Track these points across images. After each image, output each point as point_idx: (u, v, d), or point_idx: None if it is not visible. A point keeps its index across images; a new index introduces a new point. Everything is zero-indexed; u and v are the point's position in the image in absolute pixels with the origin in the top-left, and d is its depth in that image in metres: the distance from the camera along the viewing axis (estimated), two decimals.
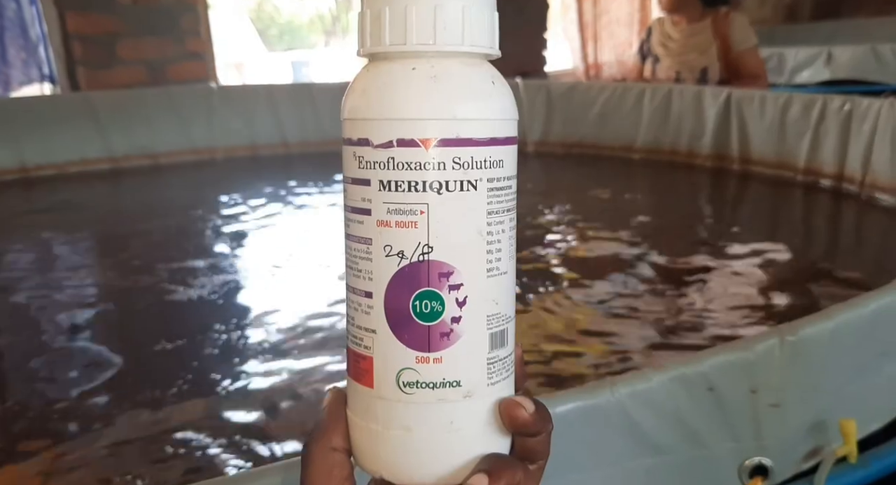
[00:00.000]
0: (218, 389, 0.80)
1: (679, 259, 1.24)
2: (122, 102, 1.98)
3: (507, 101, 0.28)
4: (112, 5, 2.11)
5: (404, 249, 0.26)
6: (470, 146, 0.26)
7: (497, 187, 0.27)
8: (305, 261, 1.26)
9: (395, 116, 0.26)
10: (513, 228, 0.28)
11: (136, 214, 1.59)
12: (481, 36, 0.27)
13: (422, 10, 0.25)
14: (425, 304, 0.26)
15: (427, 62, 0.26)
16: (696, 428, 0.51)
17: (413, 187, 0.26)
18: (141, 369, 0.87)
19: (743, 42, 2.02)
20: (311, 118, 2.18)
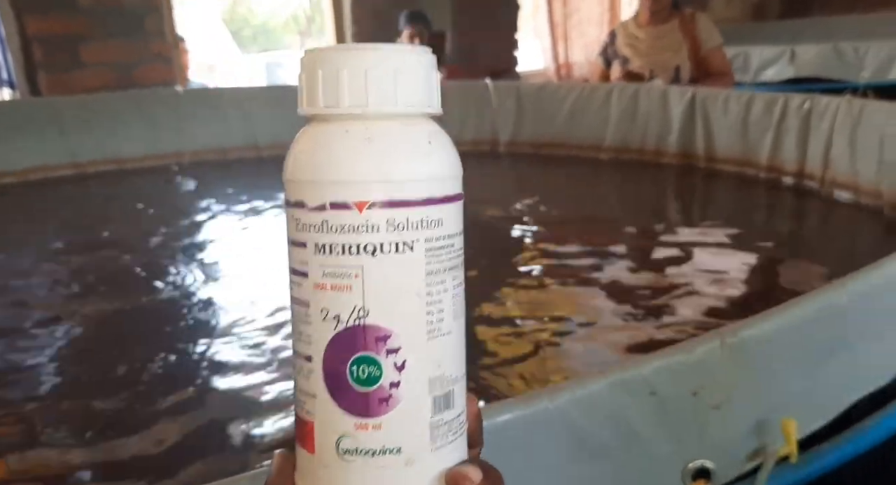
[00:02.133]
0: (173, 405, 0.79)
1: (646, 256, 1.25)
2: (86, 107, 1.94)
3: (447, 158, 0.27)
4: (74, 7, 2.07)
5: (340, 313, 0.26)
6: (405, 207, 0.26)
7: (436, 247, 0.27)
8: (271, 269, 1.25)
9: (329, 179, 0.26)
10: (458, 285, 0.27)
11: (99, 221, 1.56)
12: (416, 96, 0.27)
13: (354, 73, 0.26)
14: (362, 369, 0.26)
15: (362, 124, 0.26)
16: (639, 432, 0.52)
17: (347, 250, 0.25)
18: (94, 386, 0.85)
19: (710, 41, 2.06)
20: (281, 120, 2.16)
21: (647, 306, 1.02)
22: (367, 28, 2.89)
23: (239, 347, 0.91)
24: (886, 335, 0.66)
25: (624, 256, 1.25)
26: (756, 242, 1.34)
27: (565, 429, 0.49)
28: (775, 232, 1.50)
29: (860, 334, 0.62)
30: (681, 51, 2.07)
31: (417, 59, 0.27)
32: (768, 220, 1.61)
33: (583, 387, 0.50)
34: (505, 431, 0.48)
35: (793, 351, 0.58)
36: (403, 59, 0.27)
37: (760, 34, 3.16)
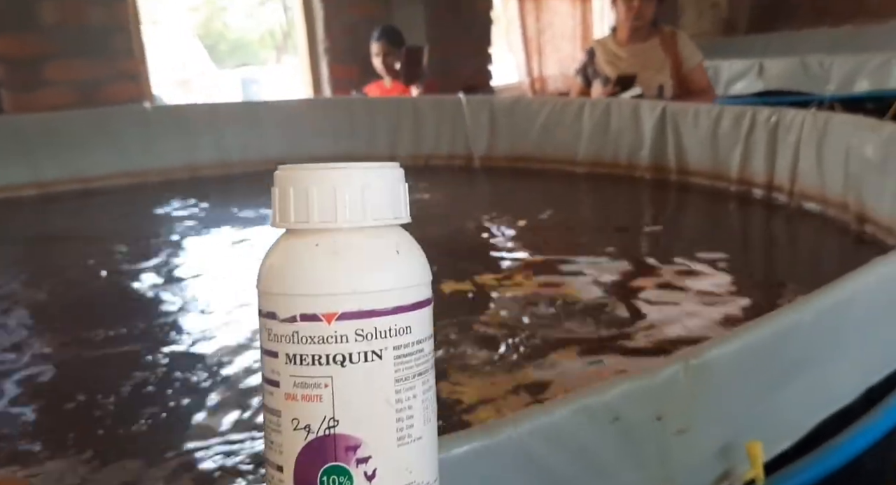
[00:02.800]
0: None
1: (619, 272, 1.24)
2: (50, 125, 1.91)
3: (414, 266, 0.28)
4: (38, 26, 2.04)
5: (311, 423, 0.26)
6: (373, 317, 0.26)
7: (405, 354, 0.27)
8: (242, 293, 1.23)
9: (298, 292, 0.26)
10: (427, 390, 0.28)
11: (63, 242, 1.52)
12: (384, 209, 0.28)
13: (323, 190, 0.27)
14: (332, 479, 0.26)
15: (330, 237, 0.27)
16: (601, 460, 0.51)
17: (317, 361, 0.26)
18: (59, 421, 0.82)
19: (692, 59, 2.09)
20: (252, 137, 2.14)
21: (613, 322, 1.01)
22: (339, 45, 2.89)
23: (203, 371, 0.89)
24: (851, 353, 0.66)
25: (594, 271, 1.25)
26: (726, 255, 1.35)
27: (526, 459, 0.48)
28: (745, 245, 1.51)
29: (825, 352, 0.62)
30: (664, 69, 2.09)
31: (384, 174, 0.28)
32: (738, 233, 1.62)
33: (545, 415, 0.49)
34: (464, 463, 0.46)
35: (758, 371, 0.57)
36: (371, 175, 0.28)
37: (730, 48, 3.22)
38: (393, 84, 2.65)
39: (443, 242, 1.46)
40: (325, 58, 2.90)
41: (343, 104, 2.36)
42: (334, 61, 2.88)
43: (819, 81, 2.40)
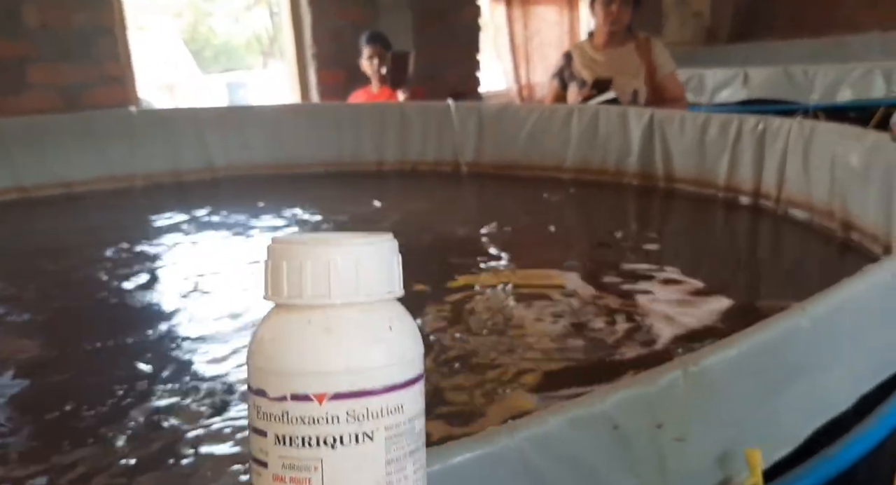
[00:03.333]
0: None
1: (603, 281, 1.24)
2: (31, 129, 1.87)
3: (407, 342, 0.28)
4: (19, 29, 2.01)
5: None
6: (365, 397, 0.26)
7: (397, 434, 0.27)
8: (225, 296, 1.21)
9: (289, 370, 0.26)
10: (418, 468, 0.28)
11: (45, 248, 1.49)
12: (377, 284, 0.27)
13: (317, 265, 0.26)
14: None
15: (322, 313, 0.26)
16: (598, 469, 0.50)
17: (307, 442, 0.25)
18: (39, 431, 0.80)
19: (665, 67, 2.11)
20: (237, 142, 2.12)
21: (600, 329, 1.00)
22: (326, 50, 2.88)
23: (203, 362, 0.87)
24: (846, 359, 0.66)
25: (582, 277, 1.24)
26: (712, 263, 1.35)
27: (524, 470, 0.47)
28: (732, 252, 1.52)
29: (821, 359, 0.61)
30: (639, 75, 2.11)
31: (379, 249, 0.28)
32: (724, 239, 1.62)
33: (543, 423, 0.48)
34: (459, 472, 0.45)
35: (756, 377, 0.57)
36: (364, 251, 0.27)
37: (713, 57, 3.26)
38: (380, 89, 2.65)
39: (425, 248, 1.46)
40: (312, 63, 2.89)
41: (329, 110, 2.35)
42: (322, 67, 2.88)
43: (803, 90, 2.43)
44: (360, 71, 2.74)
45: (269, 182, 2.05)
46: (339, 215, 1.70)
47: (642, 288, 1.18)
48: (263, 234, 1.56)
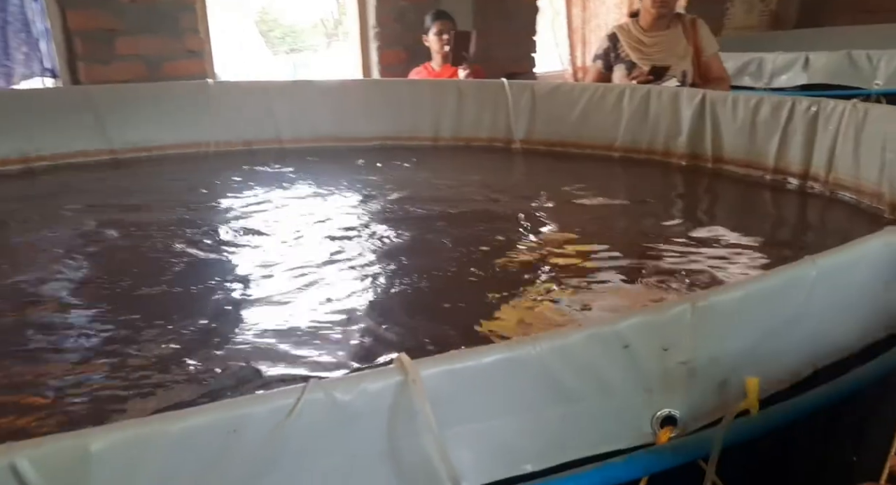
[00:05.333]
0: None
1: (649, 254, 1.30)
2: (119, 96, 2.04)
3: None
4: (111, 3, 2.18)
5: None
6: None
7: None
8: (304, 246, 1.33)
9: None
10: None
11: (129, 204, 1.65)
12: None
13: None
14: None
15: None
16: (611, 381, 0.58)
17: None
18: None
19: (710, 47, 2.13)
20: (303, 114, 2.25)
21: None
22: (389, 30, 2.98)
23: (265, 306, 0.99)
24: (855, 310, 0.71)
25: (629, 253, 1.30)
26: (757, 242, 1.38)
27: (543, 374, 0.55)
28: (777, 233, 1.54)
29: (827, 307, 0.67)
30: (687, 57, 2.13)
31: None
32: (771, 221, 1.64)
33: (562, 337, 0.57)
34: (488, 371, 0.54)
35: (760, 317, 0.63)
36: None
37: (777, 42, 3.19)
38: (442, 67, 2.73)
39: (478, 217, 1.54)
40: (374, 43, 2.99)
41: (390, 86, 2.45)
42: (384, 46, 2.98)
43: (865, 76, 2.38)
44: (419, 49, 2.83)
45: (331, 153, 2.17)
46: (395, 188, 1.80)
47: (687, 264, 1.24)
48: (323, 199, 1.68)
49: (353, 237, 1.37)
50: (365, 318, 0.99)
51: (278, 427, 0.48)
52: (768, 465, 0.66)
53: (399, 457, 0.53)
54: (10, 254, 1.33)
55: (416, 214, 1.54)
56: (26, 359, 0.88)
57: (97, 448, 0.44)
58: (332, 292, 1.08)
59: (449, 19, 2.80)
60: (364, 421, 0.51)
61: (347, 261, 1.23)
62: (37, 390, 0.81)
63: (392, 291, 1.09)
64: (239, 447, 0.47)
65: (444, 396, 0.53)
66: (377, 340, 0.92)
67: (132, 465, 0.45)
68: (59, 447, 0.43)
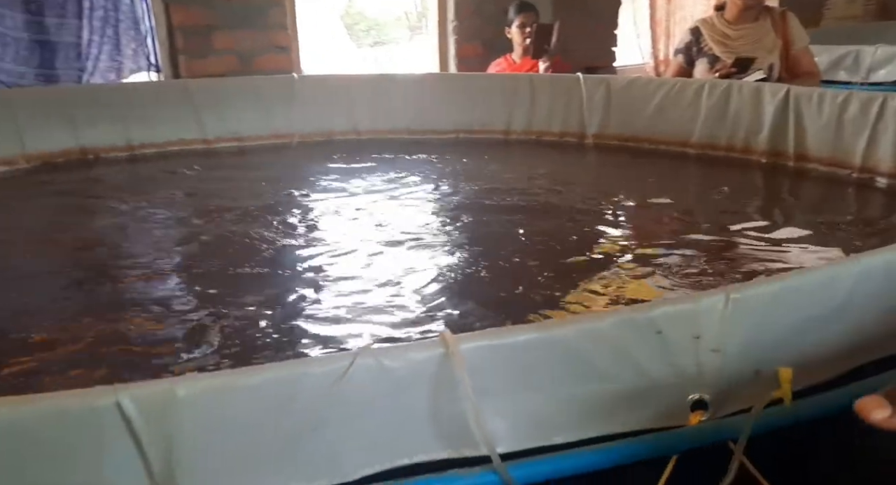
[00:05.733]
0: None
1: (724, 255, 1.28)
2: (214, 89, 2.20)
3: None
4: (210, 0, 2.35)
5: None
6: None
7: None
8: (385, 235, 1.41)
9: None
10: None
11: (219, 190, 1.79)
12: None
13: None
14: None
15: None
16: (643, 364, 0.61)
17: None
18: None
19: (800, 41, 2.05)
20: (381, 107, 2.33)
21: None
22: (468, 24, 3.03)
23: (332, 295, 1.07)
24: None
25: (705, 249, 1.29)
26: (840, 241, 1.34)
27: (576, 354, 0.59)
28: (862, 233, 1.48)
29: (870, 306, 0.67)
30: (775, 50, 2.06)
31: None
32: (859, 218, 1.58)
33: (595, 321, 0.60)
34: (523, 348, 0.59)
35: (793, 312, 0.64)
36: None
37: (882, 35, 3.00)
38: (523, 59, 2.75)
39: (547, 210, 1.57)
40: (453, 36, 3.05)
41: (464, 79, 2.50)
42: (462, 40, 3.03)
43: None
44: (497, 43, 2.86)
45: (406, 145, 2.25)
46: (466, 179, 1.86)
47: (763, 263, 1.23)
48: (396, 189, 1.76)
49: (424, 226, 1.44)
50: (426, 299, 1.05)
51: (333, 386, 0.55)
52: (797, 456, 0.67)
53: (439, 421, 0.59)
54: (112, 232, 1.48)
55: (486, 206, 1.59)
56: (124, 318, 1.01)
57: (182, 394, 0.52)
58: (397, 276, 1.15)
59: (533, 11, 2.81)
60: (408, 387, 0.57)
61: (417, 248, 1.30)
62: (132, 342, 0.93)
63: (455, 277, 1.15)
64: (300, 401, 0.54)
65: (482, 368, 0.58)
66: (431, 318, 0.99)
67: (211, 409, 0.53)
68: (153, 390, 0.52)
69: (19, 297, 1.12)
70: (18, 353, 0.92)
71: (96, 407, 0.49)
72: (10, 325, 1.01)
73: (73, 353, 0.92)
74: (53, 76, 2.31)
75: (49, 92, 2.17)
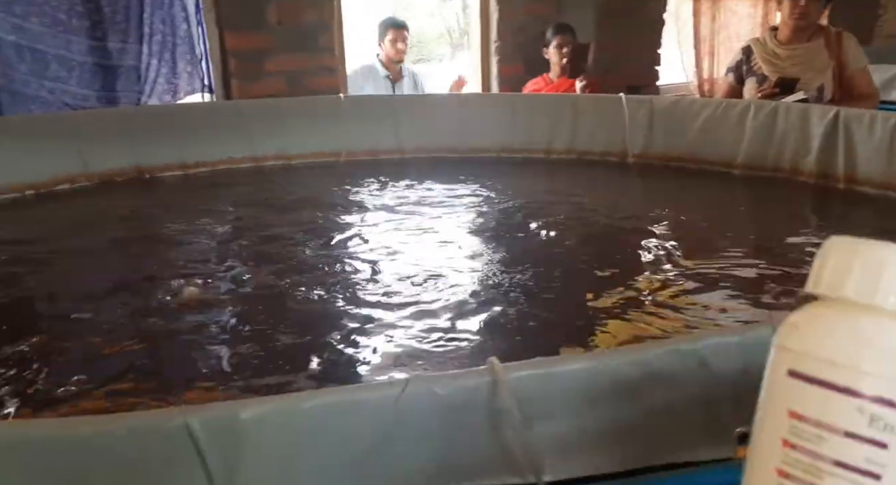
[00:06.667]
0: None
1: (776, 278, 1.26)
2: (264, 110, 2.28)
3: None
4: (263, 25, 2.44)
5: None
6: None
7: None
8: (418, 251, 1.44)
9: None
10: None
11: (267, 206, 1.85)
12: None
13: None
14: None
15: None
16: (690, 395, 0.62)
17: None
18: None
19: (857, 62, 2.01)
20: (424, 127, 2.38)
21: None
22: (510, 43, 3.06)
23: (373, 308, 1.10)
24: None
25: (752, 270, 1.27)
26: None
27: (623, 384, 0.60)
28: None
29: None
30: (826, 71, 2.03)
31: None
32: None
33: (641, 351, 0.61)
34: (571, 378, 0.60)
35: None
36: None
37: None
38: (560, 79, 2.77)
39: (587, 230, 1.58)
40: (495, 56, 3.09)
41: (506, 99, 2.52)
42: (503, 60, 3.07)
43: None
44: (536, 63, 2.88)
45: (449, 164, 2.28)
46: (507, 198, 1.88)
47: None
48: (437, 208, 1.79)
49: (464, 247, 1.46)
50: (470, 323, 1.07)
51: (386, 412, 0.57)
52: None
53: (487, 448, 0.60)
54: (164, 245, 1.55)
55: (527, 226, 1.61)
56: (181, 341, 1.05)
57: (246, 416, 0.55)
58: (439, 297, 1.17)
59: (570, 32, 2.84)
60: (458, 414, 0.59)
61: (458, 269, 1.32)
62: (199, 365, 0.97)
63: (498, 301, 1.16)
64: (356, 425, 0.57)
65: (530, 397, 0.59)
66: (478, 345, 1.00)
67: (273, 431, 0.56)
68: (218, 413, 0.55)
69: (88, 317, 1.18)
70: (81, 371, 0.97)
71: (166, 428, 0.53)
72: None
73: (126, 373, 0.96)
74: (114, 98, 2.42)
75: (110, 113, 2.28)
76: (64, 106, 2.32)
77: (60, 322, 1.16)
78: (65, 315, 1.18)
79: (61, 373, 0.94)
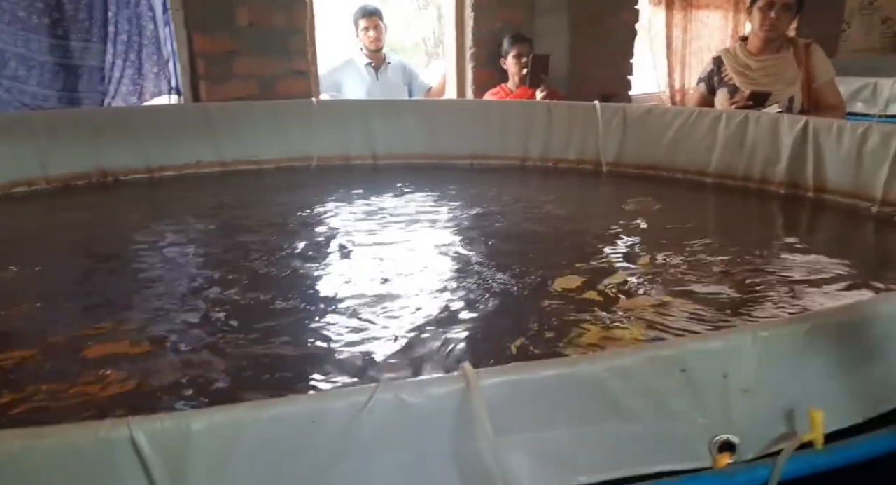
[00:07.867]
0: None
1: (746, 285, 1.26)
2: (233, 113, 2.23)
3: None
4: (232, 27, 2.39)
5: None
6: None
7: None
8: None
9: None
10: None
11: (234, 212, 1.80)
12: None
13: None
14: None
15: None
16: (669, 403, 0.59)
17: None
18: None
19: (825, 74, 2.04)
20: (397, 132, 2.35)
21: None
22: (484, 50, 3.05)
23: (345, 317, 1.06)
24: None
25: (719, 280, 1.27)
26: (859, 276, 1.31)
27: (601, 392, 0.58)
28: (881, 267, 1.46)
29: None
30: (796, 82, 2.05)
31: None
32: (874, 254, 1.56)
33: (620, 357, 0.59)
34: (547, 385, 0.57)
35: (825, 352, 0.62)
36: None
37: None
38: (519, 89, 2.77)
39: (558, 237, 1.56)
40: (470, 62, 3.08)
41: (480, 106, 2.51)
42: (478, 66, 3.06)
43: None
44: (502, 68, 2.89)
45: (421, 170, 2.26)
46: (479, 205, 1.85)
47: (777, 295, 1.20)
48: (410, 213, 1.75)
49: (437, 253, 1.43)
50: (440, 327, 1.04)
51: (353, 420, 0.54)
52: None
53: (458, 458, 0.57)
54: (126, 254, 1.49)
55: (500, 232, 1.58)
56: (133, 344, 1.00)
57: (197, 428, 0.51)
58: (408, 303, 1.14)
59: (527, 42, 2.84)
60: (428, 422, 0.56)
61: (429, 275, 1.28)
62: (140, 371, 0.92)
63: (468, 307, 1.13)
64: (318, 436, 0.53)
65: (504, 405, 0.56)
66: (448, 350, 0.97)
67: (226, 444, 0.52)
68: (166, 425, 0.51)
69: (38, 312, 1.12)
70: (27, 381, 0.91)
71: (109, 441, 0.48)
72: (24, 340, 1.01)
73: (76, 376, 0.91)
74: (77, 99, 2.34)
75: (69, 114, 2.20)
76: (22, 106, 2.23)
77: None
78: None
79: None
